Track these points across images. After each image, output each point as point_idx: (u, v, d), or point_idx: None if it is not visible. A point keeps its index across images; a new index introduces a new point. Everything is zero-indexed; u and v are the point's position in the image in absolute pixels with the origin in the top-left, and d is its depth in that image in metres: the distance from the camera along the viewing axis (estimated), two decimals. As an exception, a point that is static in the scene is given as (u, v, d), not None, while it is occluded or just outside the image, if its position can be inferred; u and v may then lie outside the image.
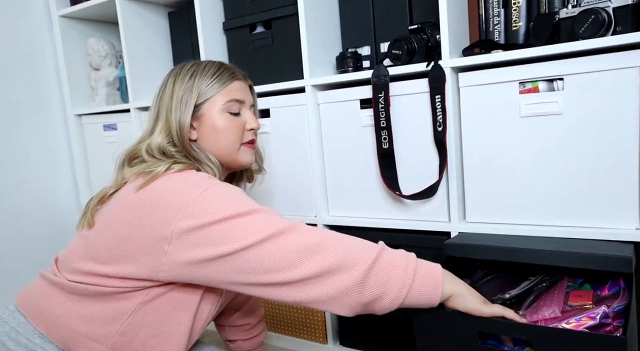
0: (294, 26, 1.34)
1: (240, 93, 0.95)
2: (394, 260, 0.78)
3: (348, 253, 0.77)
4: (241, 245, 0.75)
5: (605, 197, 1.00)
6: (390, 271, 0.77)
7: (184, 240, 0.76)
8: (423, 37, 1.18)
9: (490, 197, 1.13)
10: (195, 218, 0.76)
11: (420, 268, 0.79)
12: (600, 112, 0.98)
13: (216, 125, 0.91)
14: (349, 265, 0.76)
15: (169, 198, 0.78)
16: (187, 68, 0.93)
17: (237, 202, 0.79)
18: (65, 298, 0.83)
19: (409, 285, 0.77)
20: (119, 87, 1.85)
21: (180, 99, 0.90)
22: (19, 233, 1.79)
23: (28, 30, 1.81)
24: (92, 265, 0.82)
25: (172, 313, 0.84)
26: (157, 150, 0.88)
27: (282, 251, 0.75)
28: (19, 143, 1.79)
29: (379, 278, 0.76)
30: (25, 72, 1.81)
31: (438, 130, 1.14)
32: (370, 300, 0.77)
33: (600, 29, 0.95)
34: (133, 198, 0.81)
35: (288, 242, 0.76)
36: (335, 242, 0.77)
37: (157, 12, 1.74)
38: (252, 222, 0.77)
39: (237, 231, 0.76)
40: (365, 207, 1.31)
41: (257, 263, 0.75)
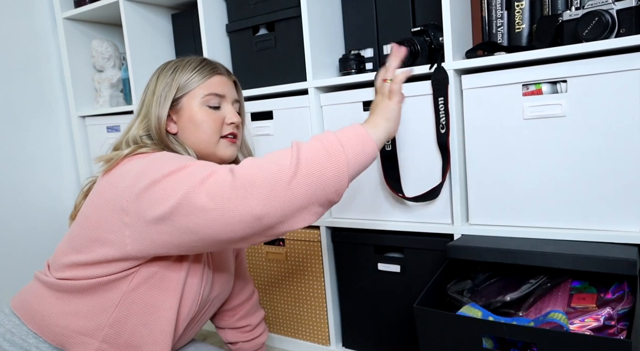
0: (297, 28, 1.34)
1: (220, 87, 0.94)
2: (313, 145, 0.73)
3: (270, 167, 0.71)
4: (173, 202, 0.72)
5: (609, 200, 1.00)
6: (319, 157, 0.72)
7: (137, 205, 0.77)
8: (426, 39, 1.18)
9: (493, 199, 1.13)
10: (142, 182, 0.77)
11: (340, 135, 0.75)
12: (603, 114, 0.98)
13: (194, 118, 0.92)
14: (278, 179, 0.70)
15: (126, 174, 0.81)
16: (171, 64, 0.95)
17: (181, 160, 0.79)
18: (55, 296, 0.85)
19: (343, 156, 0.73)
20: (122, 89, 1.86)
21: (160, 94, 0.91)
22: (23, 234, 1.79)
23: (32, 32, 1.82)
24: (72, 256, 0.84)
25: (157, 299, 0.85)
26: (133, 141, 0.90)
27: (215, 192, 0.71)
28: (23, 144, 1.80)
29: (314, 172, 0.71)
30: (29, 74, 1.82)
31: (441, 132, 1.14)
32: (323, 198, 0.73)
33: (604, 31, 0.95)
34: (100, 181, 0.85)
35: (215, 182, 0.71)
36: (254, 167, 0.72)
37: (161, 14, 1.74)
38: (182, 176, 0.74)
39: (175, 184, 0.74)
40: (368, 208, 1.31)
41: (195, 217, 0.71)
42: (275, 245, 1.49)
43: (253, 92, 1.44)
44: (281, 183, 0.70)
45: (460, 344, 0.90)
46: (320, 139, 0.75)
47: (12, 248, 1.76)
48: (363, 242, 1.33)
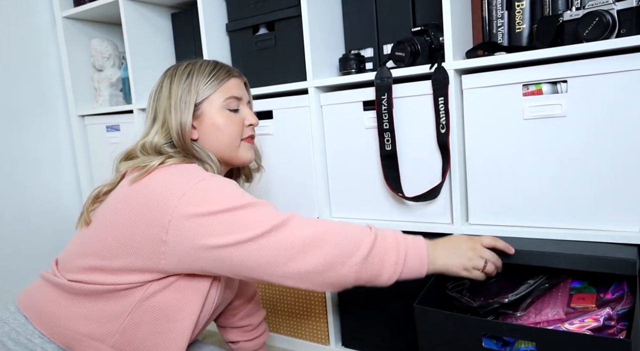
0: (297, 28, 1.34)
1: (237, 90, 0.95)
2: (387, 247, 0.82)
3: (343, 246, 0.79)
4: (239, 238, 0.76)
5: (609, 200, 1.00)
6: (384, 258, 0.81)
7: (182, 228, 0.77)
8: (426, 39, 1.18)
9: (493, 199, 1.13)
10: (192, 206, 0.77)
11: (409, 248, 0.83)
12: (604, 115, 0.98)
13: (216, 123, 0.92)
14: (344, 259, 0.79)
15: (163, 190, 0.79)
16: (182, 68, 0.94)
17: (234, 194, 0.81)
18: (65, 298, 0.83)
19: (401, 267, 0.82)
20: (121, 88, 1.85)
21: (179, 99, 0.90)
22: (22, 233, 1.79)
23: (32, 31, 1.81)
24: (92, 261, 0.82)
25: (172, 310, 0.84)
26: (152, 149, 0.89)
27: (279, 246, 0.77)
28: (23, 143, 1.80)
29: (374, 267, 0.81)
30: (28, 73, 1.81)
31: (441, 132, 1.14)
32: (364, 284, 0.83)
33: (605, 32, 0.95)
34: (128, 191, 0.83)
35: (285, 237, 0.78)
36: (331, 235, 0.80)
37: (161, 13, 1.74)
38: (249, 215, 0.79)
39: (235, 224, 0.77)
40: (368, 208, 1.31)
41: (255, 257, 0.77)
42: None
43: (253, 92, 1.43)
44: (350, 259, 0.79)
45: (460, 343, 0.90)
46: (395, 239, 0.84)
47: (12, 247, 1.76)
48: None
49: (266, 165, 1.43)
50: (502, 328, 0.86)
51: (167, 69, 0.97)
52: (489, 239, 0.91)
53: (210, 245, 0.77)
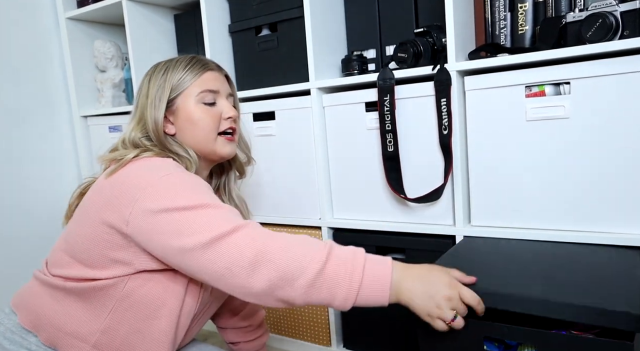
0: (299, 29, 1.34)
1: (213, 83, 0.94)
2: (338, 271, 0.73)
3: (288, 268, 0.73)
4: (183, 244, 0.75)
5: (612, 202, 1.00)
6: (334, 284, 0.73)
7: (140, 222, 0.77)
8: (429, 40, 1.18)
9: (495, 201, 1.12)
10: (151, 201, 0.77)
11: (366, 275, 0.74)
12: (607, 116, 0.98)
13: (191, 117, 0.91)
14: (288, 282, 0.73)
15: (131, 181, 0.80)
16: (161, 65, 0.95)
17: (194, 192, 0.80)
18: (50, 295, 0.85)
19: (354, 295, 0.74)
20: (124, 89, 1.86)
21: (155, 96, 0.91)
22: (25, 233, 1.79)
23: (35, 32, 1.82)
24: (71, 254, 0.84)
25: (151, 308, 0.84)
26: (131, 143, 0.90)
27: (222, 260, 0.73)
28: (26, 144, 1.80)
29: (323, 293, 0.73)
30: (32, 74, 1.82)
31: (443, 134, 1.14)
32: (315, 304, 0.76)
33: (608, 33, 0.95)
34: (102, 183, 0.84)
35: (229, 250, 0.73)
36: (277, 254, 0.73)
37: (163, 14, 1.75)
38: (199, 217, 0.76)
39: (183, 225, 0.75)
40: (370, 209, 1.31)
41: (200, 266, 0.75)
42: (277, 245, 1.49)
43: (255, 93, 1.44)
44: (294, 283, 0.73)
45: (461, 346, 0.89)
46: (350, 262, 0.74)
47: (13, 248, 1.76)
48: (364, 243, 1.32)
49: (268, 166, 1.44)
50: (503, 330, 0.85)
51: (149, 69, 0.98)
52: (470, 297, 0.75)
53: (161, 245, 0.77)
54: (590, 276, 0.85)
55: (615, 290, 0.76)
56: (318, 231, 1.39)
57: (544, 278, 0.85)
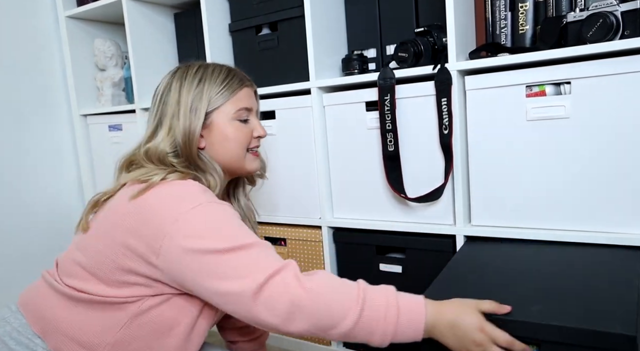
0: (300, 28, 1.34)
1: (248, 100, 0.93)
2: (372, 321, 0.74)
3: (325, 317, 0.74)
4: (227, 288, 0.74)
5: (613, 201, 1.00)
6: (370, 331, 0.74)
7: (172, 258, 0.75)
8: (429, 39, 1.18)
9: (496, 200, 1.12)
10: (185, 238, 0.75)
11: (401, 321, 0.75)
12: (607, 116, 0.98)
13: (226, 134, 0.89)
14: (327, 328, 0.74)
15: (159, 211, 0.77)
16: (193, 71, 0.90)
17: (226, 230, 0.77)
18: (63, 305, 0.83)
19: (389, 339, 0.75)
20: (124, 88, 1.86)
21: (190, 106, 0.87)
22: (24, 232, 1.79)
23: (35, 30, 1.82)
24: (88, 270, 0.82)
25: (165, 327, 0.83)
26: (157, 158, 0.86)
27: (258, 309, 0.73)
28: (25, 142, 1.80)
29: (358, 337, 0.75)
30: (31, 72, 1.81)
31: (444, 133, 1.14)
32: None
33: (608, 33, 0.95)
34: (126, 207, 0.80)
35: (263, 301, 0.73)
36: (313, 303, 0.74)
37: (164, 13, 1.74)
38: (234, 261, 0.75)
39: (218, 269, 0.74)
40: (370, 209, 1.31)
41: (235, 307, 0.75)
42: (277, 245, 1.49)
43: (255, 92, 1.44)
44: (329, 331, 0.75)
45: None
46: (383, 311, 0.75)
47: (13, 246, 1.76)
48: (365, 242, 1.32)
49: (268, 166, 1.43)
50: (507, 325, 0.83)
51: (175, 70, 0.93)
52: (504, 339, 0.73)
53: (194, 282, 0.76)
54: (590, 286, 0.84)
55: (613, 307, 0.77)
56: (318, 230, 1.39)
57: (543, 292, 0.84)
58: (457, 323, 0.74)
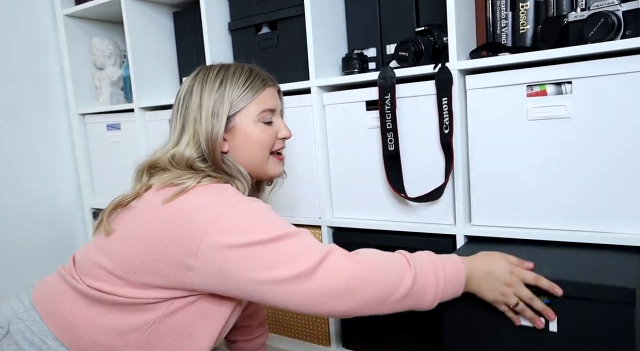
0: (299, 27, 1.33)
1: (272, 101, 0.92)
2: (426, 283, 0.79)
3: (382, 290, 0.77)
4: (275, 276, 0.74)
5: (614, 201, 1.00)
6: (423, 293, 0.79)
7: (213, 257, 0.74)
8: (430, 39, 1.17)
9: (496, 200, 1.12)
10: (226, 235, 0.74)
11: (448, 280, 0.81)
12: (608, 116, 0.98)
13: (249, 136, 0.88)
14: (381, 301, 0.77)
15: (196, 212, 0.76)
16: (214, 73, 0.89)
17: (270, 222, 0.78)
18: (84, 304, 0.81)
19: (439, 298, 0.81)
20: (122, 87, 1.85)
21: (211, 110, 0.86)
22: (21, 232, 1.78)
23: (32, 29, 1.81)
24: (116, 272, 0.80)
25: (193, 328, 0.82)
26: (184, 163, 0.85)
27: (316, 290, 0.74)
28: (23, 142, 1.79)
29: (412, 302, 0.80)
30: (29, 71, 1.81)
31: (444, 133, 1.14)
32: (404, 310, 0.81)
33: (610, 33, 0.95)
34: (160, 210, 0.78)
35: (324, 280, 0.74)
36: (370, 278, 0.77)
37: (162, 11, 1.73)
38: (286, 248, 0.75)
39: (271, 258, 0.74)
40: (370, 208, 1.31)
41: (289, 299, 0.75)
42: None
43: (255, 91, 1.43)
44: (382, 304, 0.77)
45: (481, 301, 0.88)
46: (433, 274, 0.80)
47: (11, 246, 1.75)
48: (364, 242, 1.32)
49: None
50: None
51: (196, 72, 0.92)
52: (531, 277, 0.82)
53: (238, 278, 0.75)
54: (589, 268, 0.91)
55: (615, 269, 0.88)
56: (318, 230, 1.39)
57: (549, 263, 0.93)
58: (489, 271, 0.83)
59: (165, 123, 1.62)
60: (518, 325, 0.85)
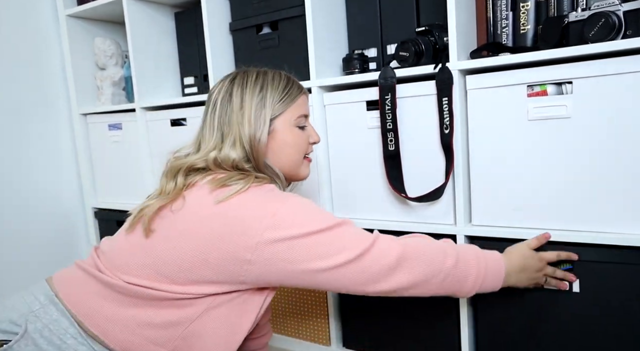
0: (300, 27, 1.34)
1: (306, 107, 0.97)
2: (466, 271, 0.87)
3: (429, 266, 0.84)
4: (335, 262, 0.79)
5: (614, 201, 0.99)
6: (467, 270, 0.87)
7: (273, 250, 0.78)
8: (430, 39, 1.17)
9: (496, 200, 1.12)
10: (282, 229, 0.78)
11: (489, 270, 0.89)
12: (609, 116, 0.98)
13: (287, 140, 0.92)
14: (429, 277, 0.84)
15: (253, 209, 0.79)
16: (253, 78, 0.92)
17: (320, 214, 0.83)
18: (120, 300, 0.81)
19: (479, 286, 0.89)
20: (124, 87, 1.85)
21: (254, 113, 0.88)
22: (23, 231, 1.79)
23: (35, 29, 1.81)
24: (161, 270, 0.81)
25: (233, 320, 0.84)
26: (230, 164, 0.87)
27: (371, 269, 0.81)
28: (25, 141, 1.80)
29: (455, 285, 0.87)
30: (31, 71, 1.81)
31: (445, 133, 1.14)
32: (444, 295, 0.89)
33: (610, 33, 0.94)
34: (212, 209, 0.80)
35: (376, 259, 0.82)
36: (416, 255, 0.84)
37: (164, 12, 1.74)
38: (339, 236, 0.81)
39: (328, 246, 0.80)
40: (371, 208, 1.31)
41: (347, 280, 0.81)
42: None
43: (256, 91, 1.43)
44: (437, 276, 0.85)
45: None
46: (477, 261, 0.89)
47: (12, 246, 1.76)
48: (365, 242, 1.32)
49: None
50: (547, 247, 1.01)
51: (233, 76, 0.94)
52: (551, 255, 0.99)
53: (304, 269, 0.79)
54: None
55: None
56: (318, 230, 1.39)
57: None
58: (525, 266, 0.95)
59: (166, 123, 1.62)
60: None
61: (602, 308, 1.01)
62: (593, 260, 1.00)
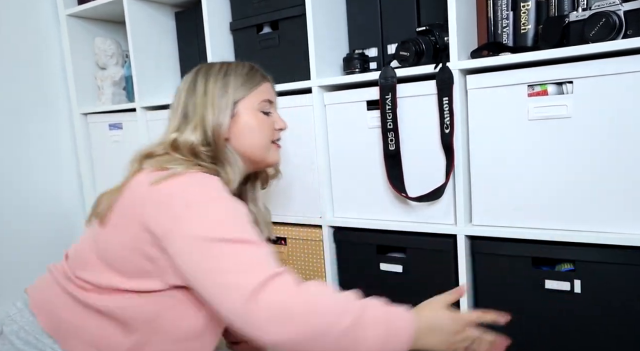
0: (301, 27, 1.33)
1: (270, 93, 0.97)
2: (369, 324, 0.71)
3: (324, 318, 0.69)
4: (223, 281, 0.71)
5: (615, 201, 0.99)
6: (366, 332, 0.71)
7: (180, 243, 0.75)
8: (431, 38, 1.17)
9: (497, 200, 1.12)
10: (195, 225, 0.74)
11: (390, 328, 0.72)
12: (609, 116, 0.98)
13: (251, 124, 0.92)
14: (325, 331, 0.69)
15: (177, 197, 0.77)
16: (217, 67, 0.93)
17: (239, 225, 0.76)
18: (77, 305, 0.82)
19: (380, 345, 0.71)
20: (125, 87, 1.85)
21: (217, 96, 0.89)
22: (24, 231, 1.79)
23: (35, 29, 1.81)
24: (102, 264, 0.81)
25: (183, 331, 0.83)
26: (187, 148, 0.86)
27: (253, 309, 0.68)
28: (25, 141, 1.80)
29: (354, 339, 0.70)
30: (31, 71, 1.81)
31: (445, 132, 1.14)
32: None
33: (611, 33, 0.94)
34: (147, 191, 0.79)
35: (261, 302, 0.68)
36: (313, 304, 0.70)
37: (164, 12, 1.74)
38: (240, 255, 0.72)
39: (221, 259, 0.72)
40: (371, 208, 1.30)
41: (223, 304, 0.71)
42: (277, 244, 1.48)
43: (256, 91, 1.43)
44: (322, 338, 0.68)
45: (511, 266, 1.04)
46: (385, 324, 0.72)
47: (12, 246, 1.76)
48: (365, 242, 1.32)
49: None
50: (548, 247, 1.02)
51: (197, 68, 0.96)
52: (475, 317, 0.78)
53: (199, 275, 0.74)
54: None
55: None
56: (319, 229, 1.39)
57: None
58: (434, 326, 0.75)
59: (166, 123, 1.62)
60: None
61: (603, 309, 1.01)
62: (594, 260, 1.00)
